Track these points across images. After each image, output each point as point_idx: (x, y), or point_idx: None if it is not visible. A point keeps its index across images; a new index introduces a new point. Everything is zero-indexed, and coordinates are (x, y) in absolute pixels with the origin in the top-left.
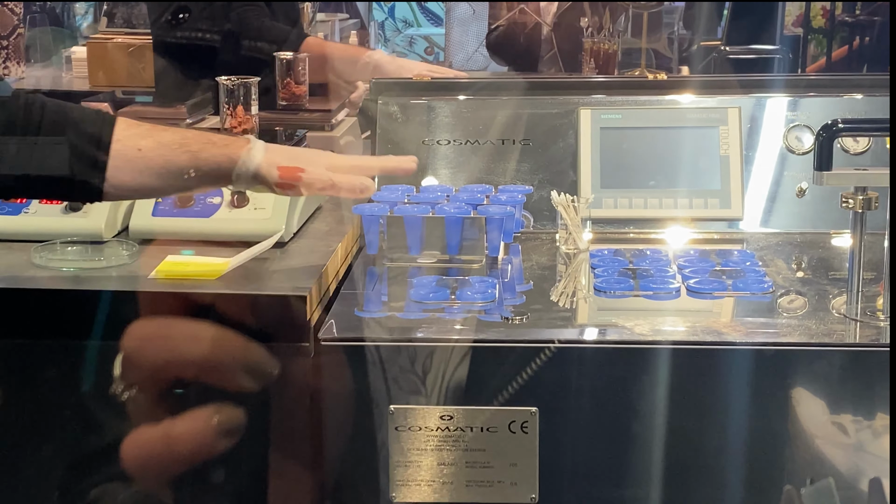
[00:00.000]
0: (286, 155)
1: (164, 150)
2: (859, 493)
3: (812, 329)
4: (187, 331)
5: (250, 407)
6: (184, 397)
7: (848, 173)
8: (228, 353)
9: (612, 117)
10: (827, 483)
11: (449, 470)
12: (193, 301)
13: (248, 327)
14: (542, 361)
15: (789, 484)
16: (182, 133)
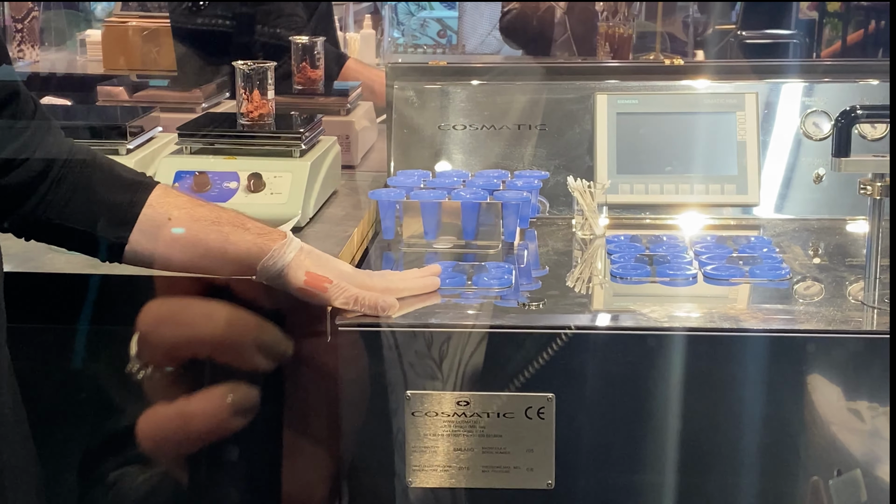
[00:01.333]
0: (318, 261)
1: (195, 224)
2: (875, 479)
3: (829, 316)
4: (201, 310)
5: (268, 392)
6: (199, 376)
7: (866, 160)
8: (242, 332)
9: (628, 102)
10: (854, 475)
11: (465, 455)
12: (208, 285)
13: (265, 312)
14: (559, 347)
15: (807, 473)
16: (218, 211)
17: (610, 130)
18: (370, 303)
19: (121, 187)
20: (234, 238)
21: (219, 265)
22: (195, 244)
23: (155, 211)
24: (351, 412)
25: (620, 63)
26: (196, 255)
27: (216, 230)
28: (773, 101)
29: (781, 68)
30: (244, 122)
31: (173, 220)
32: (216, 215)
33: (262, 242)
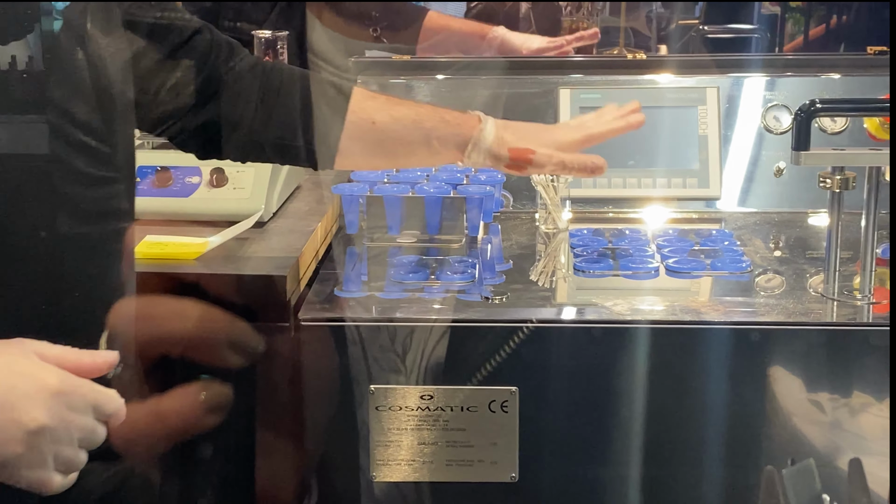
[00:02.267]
0: (516, 133)
1: (398, 125)
2: (836, 471)
3: (789, 308)
4: (173, 308)
5: (239, 389)
6: (171, 374)
7: (825, 153)
8: (214, 329)
9: (591, 97)
10: (808, 464)
11: (429, 449)
12: (173, 282)
13: (228, 308)
14: (522, 341)
15: (769, 464)
16: (416, 108)
17: None
18: (579, 164)
19: (320, 98)
20: (438, 133)
21: (424, 159)
22: (402, 144)
23: (358, 117)
24: (315, 407)
25: (583, 57)
26: (402, 153)
27: (419, 128)
28: (735, 95)
29: (742, 62)
30: None
31: (377, 123)
32: (415, 112)
33: (464, 131)
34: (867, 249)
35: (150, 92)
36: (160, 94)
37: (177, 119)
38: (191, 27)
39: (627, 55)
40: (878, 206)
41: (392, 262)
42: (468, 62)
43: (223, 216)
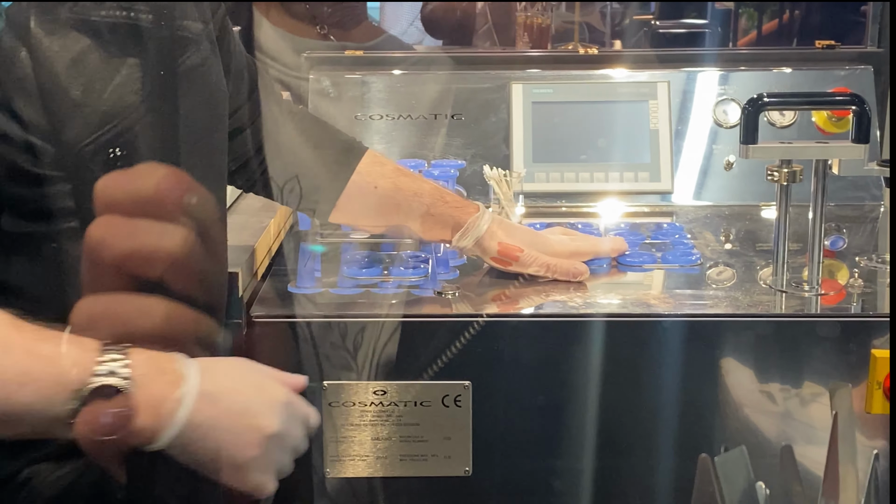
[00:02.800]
0: (508, 231)
1: (399, 194)
2: (803, 460)
3: (739, 300)
4: (137, 306)
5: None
6: None
7: (773, 147)
8: (180, 326)
9: (543, 91)
10: (739, 451)
11: (383, 445)
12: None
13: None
14: (475, 335)
15: (704, 452)
16: (420, 183)
17: (525, 119)
18: (563, 270)
19: (332, 152)
20: (434, 211)
21: (416, 233)
22: (397, 213)
23: (363, 178)
24: None
25: (535, 52)
26: (395, 221)
27: (418, 201)
28: (688, 89)
29: (695, 57)
30: None
31: (379, 188)
32: (418, 187)
33: (460, 215)
34: (815, 242)
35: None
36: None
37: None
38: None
39: (580, 50)
40: (825, 199)
41: (345, 257)
42: (420, 57)
43: None
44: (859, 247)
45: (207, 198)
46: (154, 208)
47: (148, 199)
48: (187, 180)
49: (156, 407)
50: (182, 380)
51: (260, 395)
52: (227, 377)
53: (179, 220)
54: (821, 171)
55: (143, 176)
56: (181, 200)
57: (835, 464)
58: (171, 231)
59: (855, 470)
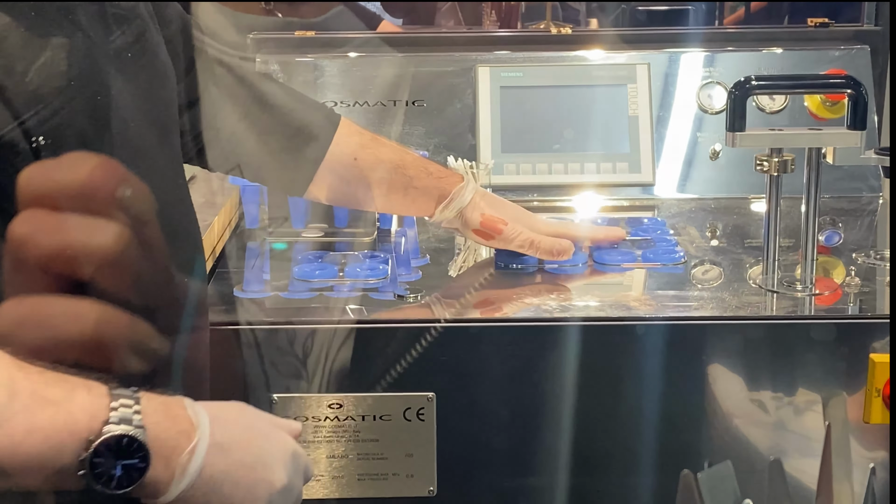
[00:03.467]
0: (492, 203)
1: (380, 166)
2: (783, 474)
3: (726, 301)
4: (67, 309)
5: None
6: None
7: (762, 134)
8: (114, 332)
9: (512, 75)
10: (725, 466)
11: (339, 463)
12: (71, 283)
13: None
14: (439, 342)
15: (688, 467)
16: (401, 153)
17: (493, 106)
18: (546, 246)
19: (308, 122)
20: (417, 183)
21: (400, 206)
22: (378, 186)
23: (341, 150)
24: None
25: (503, 33)
26: (377, 195)
27: (400, 173)
28: (671, 72)
29: (677, 37)
30: None
31: (359, 160)
32: (399, 158)
33: (443, 185)
34: (808, 237)
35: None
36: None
37: None
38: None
39: (552, 30)
40: (819, 191)
41: (296, 258)
42: (379, 39)
43: None
44: (856, 242)
45: (144, 189)
46: (84, 202)
47: (77, 192)
48: (121, 170)
49: (168, 458)
50: (194, 429)
51: (269, 446)
52: (237, 426)
53: (113, 214)
54: (814, 160)
55: (72, 166)
56: (114, 193)
57: (828, 478)
58: (104, 227)
59: (850, 484)
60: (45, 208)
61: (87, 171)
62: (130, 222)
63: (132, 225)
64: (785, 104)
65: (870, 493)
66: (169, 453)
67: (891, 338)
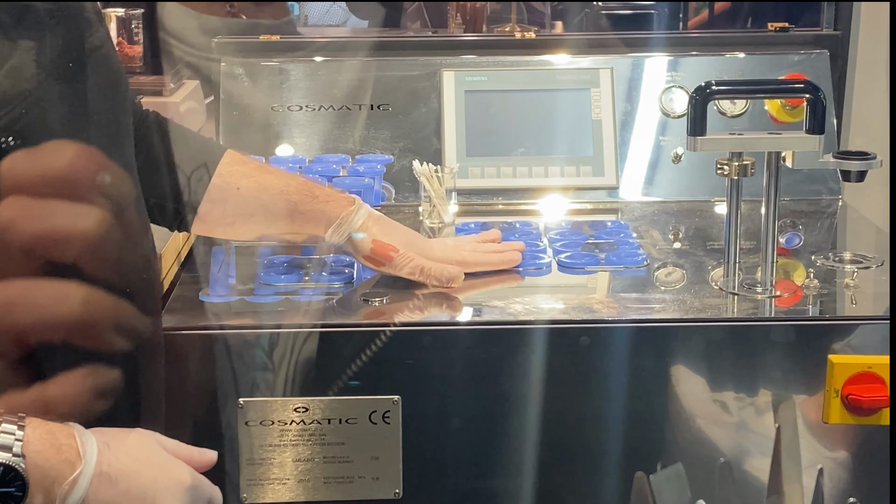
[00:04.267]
0: (385, 229)
1: (264, 194)
2: (744, 473)
3: (688, 304)
4: (54, 291)
5: (128, 373)
6: (53, 360)
7: (722, 138)
8: (99, 312)
9: (476, 79)
10: (676, 468)
11: (305, 466)
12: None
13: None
14: (404, 346)
15: (667, 466)
16: (286, 179)
17: (458, 110)
18: (436, 273)
19: (188, 156)
20: (303, 208)
21: (287, 233)
22: (263, 214)
23: (224, 181)
24: (181, 424)
25: (468, 37)
26: (263, 224)
27: (284, 199)
28: (635, 76)
29: (641, 41)
30: None
31: (241, 189)
32: (284, 183)
33: (331, 209)
34: (767, 240)
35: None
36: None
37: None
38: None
39: (516, 34)
40: (778, 194)
41: (262, 262)
42: (344, 42)
43: None
44: (816, 244)
45: (122, 177)
46: (66, 188)
47: (59, 179)
48: (100, 158)
49: (49, 488)
50: (79, 458)
51: (162, 478)
52: (129, 456)
53: (94, 200)
54: (773, 163)
55: (54, 154)
56: (95, 179)
57: (778, 479)
58: (86, 212)
59: (800, 485)
60: (28, 195)
61: (68, 159)
62: (110, 207)
63: (112, 210)
64: (746, 108)
65: (818, 493)
66: (50, 484)
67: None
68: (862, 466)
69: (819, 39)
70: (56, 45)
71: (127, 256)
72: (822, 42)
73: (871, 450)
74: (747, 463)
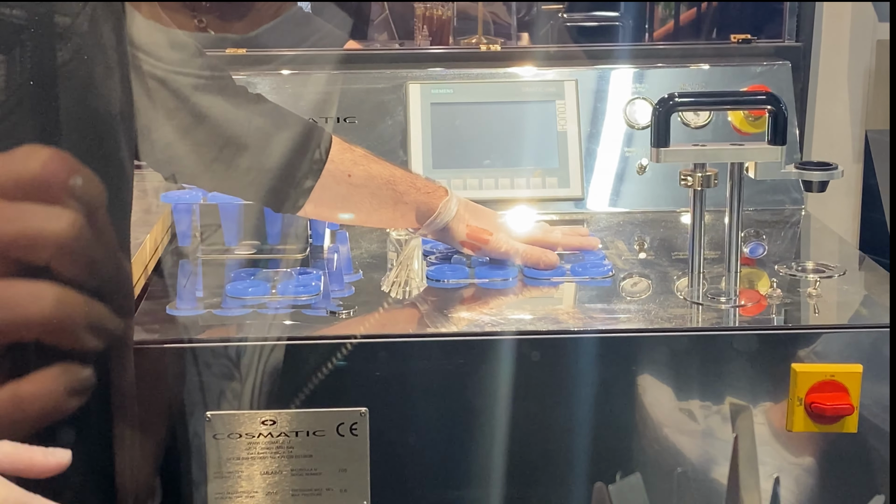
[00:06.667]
0: (475, 214)
1: (372, 182)
2: (710, 481)
3: (653, 314)
4: (27, 290)
5: (100, 371)
6: (26, 359)
7: (685, 150)
8: (71, 311)
9: (442, 92)
10: (634, 478)
11: (273, 479)
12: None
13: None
14: (372, 357)
15: (595, 477)
16: (391, 170)
17: (424, 122)
18: (533, 257)
19: (302, 141)
20: (407, 199)
21: (388, 221)
22: (370, 202)
23: (336, 167)
24: (147, 437)
25: (434, 50)
26: (367, 210)
27: (391, 189)
28: (601, 88)
29: (607, 53)
30: None
31: (353, 177)
32: (390, 173)
33: (430, 201)
34: (731, 250)
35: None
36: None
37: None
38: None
39: (482, 46)
40: (741, 204)
41: (229, 275)
42: (311, 56)
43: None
44: (780, 254)
45: (94, 180)
46: (39, 191)
47: (32, 182)
48: (73, 162)
49: None
50: None
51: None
52: None
53: (66, 202)
54: (736, 174)
55: (26, 157)
56: (67, 182)
57: (736, 487)
58: (58, 214)
59: (758, 493)
60: (0, 198)
61: (40, 162)
62: (83, 209)
63: (84, 212)
64: (709, 119)
65: (775, 501)
66: None
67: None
68: (824, 474)
69: (781, 51)
70: (22, 60)
71: (99, 257)
72: (784, 53)
73: (834, 458)
74: (714, 471)
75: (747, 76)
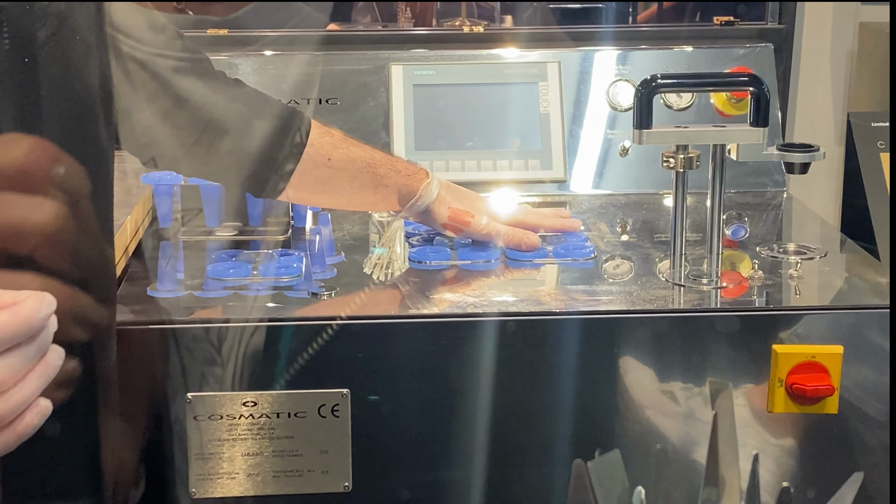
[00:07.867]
0: (456, 195)
1: (352, 166)
2: (691, 463)
3: (635, 295)
4: (11, 282)
5: (86, 363)
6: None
7: (667, 131)
8: (57, 302)
9: (425, 73)
10: (613, 455)
11: (254, 461)
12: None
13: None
14: (353, 339)
15: (578, 457)
16: (371, 152)
17: (406, 104)
18: (515, 239)
19: (281, 124)
20: (388, 182)
21: (368, 203)
22: (350, 185)
23: (315, 150)
24: (130, 419)
25: (417, 31)
26: (347, 194)
27: (371, 172)
28: (584, 69)
29: (590, 35)
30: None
31: (332, 160)
32: (370, 156)
33: (411, 183)
34: (713, 231)
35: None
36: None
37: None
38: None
39: (465, 28)
40: (723, 186)
41: (210, 257)
42: (293, 37)
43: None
44: (761, 236)
45: (78, 169)
46: (22, 181)
47: (15, 171)
48: (56, 151)
49: None
50: None
51: None
52: None
53: (49, 192)
54: (718, 156)
55: (9, 146)
56: (50, 172)
57: (715, 465)
58: (41, 204)
59: (737, 471)
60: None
61: (23, 151)
62: (66, 199)
63: (68, 201)
64: (692, 101)
65: (753, 479)
66: None
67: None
68: (804, 454)
69: (763, 33)
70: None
71: (83, 246)
72: (766, 36)
73: (813, 438)
74: (695, 451)
75: (730, 58)
